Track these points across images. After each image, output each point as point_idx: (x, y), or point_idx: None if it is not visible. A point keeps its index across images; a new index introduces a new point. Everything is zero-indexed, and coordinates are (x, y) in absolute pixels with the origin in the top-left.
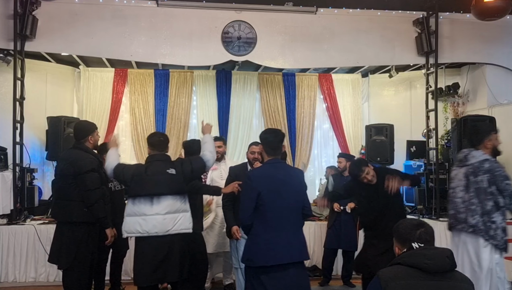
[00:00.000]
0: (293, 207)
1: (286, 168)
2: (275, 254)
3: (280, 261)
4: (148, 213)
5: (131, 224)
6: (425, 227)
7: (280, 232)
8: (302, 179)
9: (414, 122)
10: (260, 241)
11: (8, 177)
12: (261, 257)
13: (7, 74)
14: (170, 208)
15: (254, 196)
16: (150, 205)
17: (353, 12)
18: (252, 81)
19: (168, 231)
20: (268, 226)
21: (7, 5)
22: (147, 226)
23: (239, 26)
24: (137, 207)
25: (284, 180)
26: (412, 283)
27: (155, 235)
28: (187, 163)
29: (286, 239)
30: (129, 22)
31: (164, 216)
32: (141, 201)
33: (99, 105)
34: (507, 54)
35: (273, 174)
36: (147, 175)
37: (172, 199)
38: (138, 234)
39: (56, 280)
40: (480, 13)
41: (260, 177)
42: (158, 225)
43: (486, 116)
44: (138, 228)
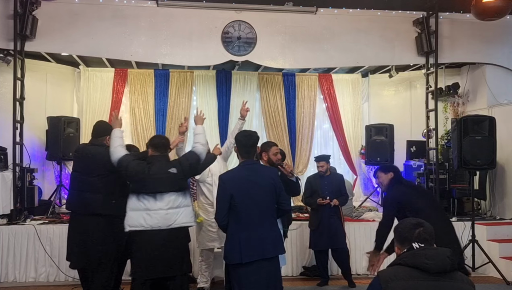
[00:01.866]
0: (265, 206)
1: (258, 169)
2: (248, 252)
3: (253, 258)
4: (152, 208)
5: (135, 218)
6: (424, 226)
7: (252, 230)
8: (275, 178)
9: (414, 122)
10: (234, 239)
11: (8, 177)
12: (236, 255)
13: (7, 74)
14: (172, 203)
15: (227, 198)
16: (154, 201)
17: (353, 12)
18: (252, 81)
19: (170, 225)
20: (241, 225)
21: (7, 5)
22: (151, 221)
23: (239, 26)
24: (141, 202)
25: (255, 181)
26: (412, 283)
27: (157, 229)
28: (184, 160)
29: (259, 237)
30: (129, 22)
31: (167, 211)
32: (145, 197)
33: (99, 105)
34: (507, 54)
35: (244, 175)
36: (150, 174)
37: (174, 195)
38: (142, 227)
39: (56, 280)
40: (480, 13)
41: (232, 179)
42: (161, 220)
43: (486, 116)
44: (142, 222)
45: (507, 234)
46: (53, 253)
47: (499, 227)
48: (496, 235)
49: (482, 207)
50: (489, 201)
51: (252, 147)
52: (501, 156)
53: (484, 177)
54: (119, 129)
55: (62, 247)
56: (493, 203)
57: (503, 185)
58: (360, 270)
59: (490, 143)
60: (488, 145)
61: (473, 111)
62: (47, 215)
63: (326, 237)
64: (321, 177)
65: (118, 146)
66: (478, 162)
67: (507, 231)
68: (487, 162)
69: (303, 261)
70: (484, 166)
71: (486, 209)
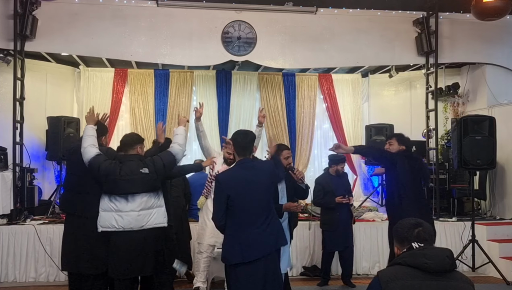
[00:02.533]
0: (263, 203)
1: (255, 166)
2: (250, 251)
3: (254, 256)
4: (123, 210)
5: (107, 219)
6: (423, 226)
7: (252, 229)
8: (272, 171)
9: (414, 122)
10: (233, 240)
11: (8, 177)
12: (237, 255)
13: (7, 74)
14: (144, 204)
15: (223, 199)
16: (125, 202)
17: (353, 12)
18: (252, 81)
19: (143, 226)
20: (239, 225)
21: (7, 5)
22: (123, 222)
23: (239, 26)
24: (112, 203)
25: (252, 179)
26: (412, 283)
27: (129, 230)
28: (158, 160)
29: (257, 236)
30: (129, 22)
31: (139, 213)
32: (116, 198)
33: (99, 105)
34: (507, 54)
35: (241, 175)
36: (121, 176)
37: (146, 196)
38: (114, 228)
39: (56, 280)
40: (480, 13)
41: (228, 179)
42: (133, 221)
43: (486, 116)
44: (114, 223)
45: (507, 234)
46: (53, 253)
47: (499, 227)
48: (496, 235)
49: (482, 207)
50: (489, 201)
51: (248, 146)
52: (501, 156)
53: (484, 177)
54: (92, 126)
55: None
56: (493, 203)
57: (503, 185)
58: (360, 270)
59: (490, 143)
60: (488, 144)
61: (473, 111)
62: (47, 215)
63: (343, 238)
64: (333, 177)
65: (89, 145)
66: (478, 162)
67: (507, 231)
68: (487, 162)
69: (303, 261)
70: (484, 166)
71: (486, 209)
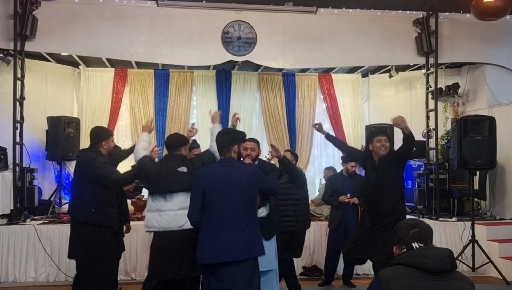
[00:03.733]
0: (239, 205)
1: (236, 166)
2: (217, 252)
3: (221, 259)
4: (162, 209)
5: (149, 219)
6: (419, 227)
7: (224, 230)
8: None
9: (414, 122)
10: (205, 239)
11: (8, 177)
12: (205, 255)
13: (7, 74)
14: (182, 204)
15: (199, 194)
16: (164, 202)
17: (353, 12)
18: (252, 81)
19: (181, 226)
20: (212, 225)
21: (7, 5)
22: (162, 222)
23: (239, 26)
24: (154, 203)
25: (231, 180)
26: (412, 283)
27: (169, 230)
28: (197, 160)
29: (228, 239)
30: (129, 22)
31: (177, 212)
32: (157, 198)
33: (99, 105)
34: (507, 54)
35: (220, 173)
36: (160, 174)
37: (184, 196)
38: (155, 229)
39: (56, 280)
40: (480, 13)
41: (206, 176)
42: (172, 221)
43: (486, 116)
44: (155, 223)
45: (507, 234)
46: (53, 253)
47: (499, 227)
48: (496, 235)
49: (482, 207)
50: (489, 201)
51: (228, 143)
52: (501, 156)
53: (484, 177)
54: (146, 134)
55: (62, 247)
56: (493, 203)
57: (503, 185)
58: (360, 270)
59: (490, 143)
60: (488, 144)
61: (473, 111)
62: (47, 215)
63: (345, 238)
64: (344, 177)
65: (140, 148)
66: (478, 162)
67: (507, 231)
68: (487, 162)
69: (303, 261)
70: (484, 166)
71: (486, 209)
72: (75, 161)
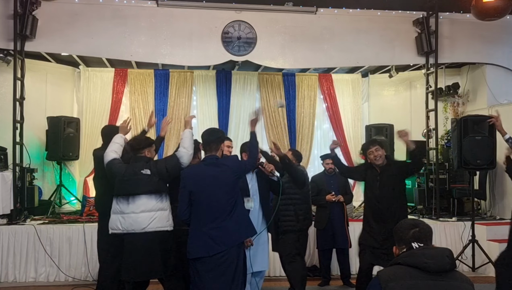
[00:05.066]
0: (225, 198)
1: (219, 164)
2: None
3: (216, 250)
4: (125, 211)
5: (113, 221)
6: (419, 227)
7: (214, 224)
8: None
9: (414, 122)
10: (197, 235)
11: (8, 177)
12: (201, 249)
13: (7, 74)
14: (144, 207)
15: (186, 193)
16: (127, 204)
17: (353, 12)
18: (252, 81)
19: (144, 229)
20: (198, 221)
21: (7, 5)
22: (125, 224)
23: (239, 26)
24: (118, 205)
25: (214, 175)
26: (412, 283)
27: (133, 232)
28: (161, 163)
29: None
30: (129, 22)
31: (138, 215)
32: (120, 200)
33: (99, 105)
34: (507, 54)
35: (203, 172)
36: (124, 176)
37: (146, 198)
38: (119, 230)
39: (56, 280)
40: (480, 13)
41: (190, 175)
42: (134, 223)
43: (486, 116)
44: (119, 225)
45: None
46: (53, 253)
47: (499, 227)
48: (496, 235)
49: (482, 207)
50: (489, 201)
51: (212, 143)
52: (501, 156)
53: (484, 177)
54: (120, 136)
55: (62, 247)
56: (493, 203)
57: (503, 185)
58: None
59: (490, 143)
60: (488, 144)
61: (473, 111)
62: (47, 215)
63: (332, 236)
64: (327, 176)
65: (111, 151)
66: (478, 162)
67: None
68: (487, 162)
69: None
70: (484, 166)
71: (486, 209)
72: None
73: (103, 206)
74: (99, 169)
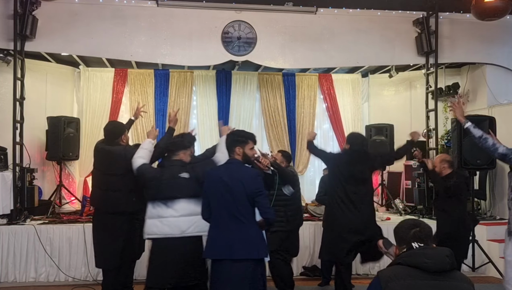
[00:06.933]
0: (235, 208)
1: (235, 170)
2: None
3: (216, 256)
4: (163, 215)
5: (150, 226)
6: (420, 227)
7: (220, 229)
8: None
9: (414, 122)
10: (209, 235)
11: (8, 177)
12: (207, 250)
13: (7, 74)
14: (184, 210)
15: (205, 194)
16: (165, 208)
17: (353, 12)
18: (252, 81)
19: (183, 233)
20: (213, 223)
21: (7, 5)
22: (163, 228)
23: (239, 26)
24: (155, 209)
25: (226, 182)
26: (412, 282)
27: (171, 237)
28: (199, 167)
29: (225, 237)
30: (129, 22)
31: (178, 219)
32: (158, 204)
33: (99, 105)
34: (507, 54)
35: (220, 176)
36: (162, 180)
37: (186, 202)
38: (156, 235)
39: (56, 280)
40: (480, 13)
41: (209, 176)
42: (173, 227)
43: (486, 116)
44: (155, 230)
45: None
46: (53, 253)
47: (499, 227)
48: (496, 235)
49: (482, 207)
50: (489, 201)
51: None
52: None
53: (484, 177)
54: (149, 141)
55: (62, 247)
56: (493, 203)
57: (503, 185)
58: (360, 270)
59: None
60: None
61: (473, 111)
62: (47, 215)
63: None
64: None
65: (139, 157)
66: (478, 162)
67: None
68: (487, 162)
69: (303, 261)
70: (484, 166)
71: (486, 209)
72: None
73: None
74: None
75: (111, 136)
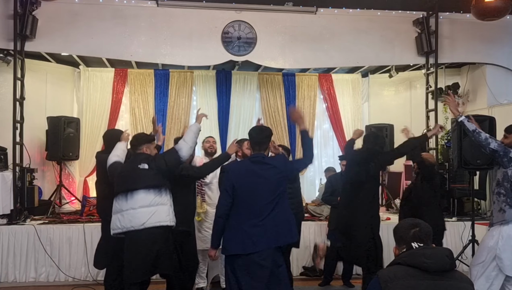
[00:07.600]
0: (268, 198)
1: (266, 161)
2: (248, 243)
3: (251, 249)
4: (124, 209)
5: (113, 221)
6: (420, 226)
7: (254, 223)
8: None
9: (414, 122)
10: (235, 230)
11: (8, 177)
12: (236, 246)
13: (7, 74)
14: (142, 202)
15: (229, 187)
16: (125, 201)
17: (353, 12)
18: (252, 81)
19: (143, 225)
20: (243, 217)
21: (7, 5)
22: (124, 221)
23: (239, 26)
24: (118, 203)
25: (260, 174)
26: (412, 282)
27: (132, 230)
28: (160, 157)
29: (259, 230)
30: (129, 22)
31: (137, 210)
32: (120, 198)
33: (99, 105)
34: (507, 54)
35: (250, 168)
36: (122, 172)
37: (144, 193)
38: (119, 230)
39: (56, 280)
40: (480, 13)
41: (236, 169)
42: (133, 219)
43: (486, 116)
44: (118, 224)
45: None
46: (53, 253)
47: None
48: None
49: (482, 207)
50: (489, 201)
51: (262, 141)
52: None
53: (484, 177)
54: (123, 143)
55: (62, 247)
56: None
57: None
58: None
59: None
60: None
61: (473, 111)
62: (47, 215)
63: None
64: (343, 177)
65: (113, 155)
66: (478, 162)
67: None
68: (487, 162)
69: (303, 261)
70: (484, 166)
71: (486, 209)
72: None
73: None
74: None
75: (110, 143)
